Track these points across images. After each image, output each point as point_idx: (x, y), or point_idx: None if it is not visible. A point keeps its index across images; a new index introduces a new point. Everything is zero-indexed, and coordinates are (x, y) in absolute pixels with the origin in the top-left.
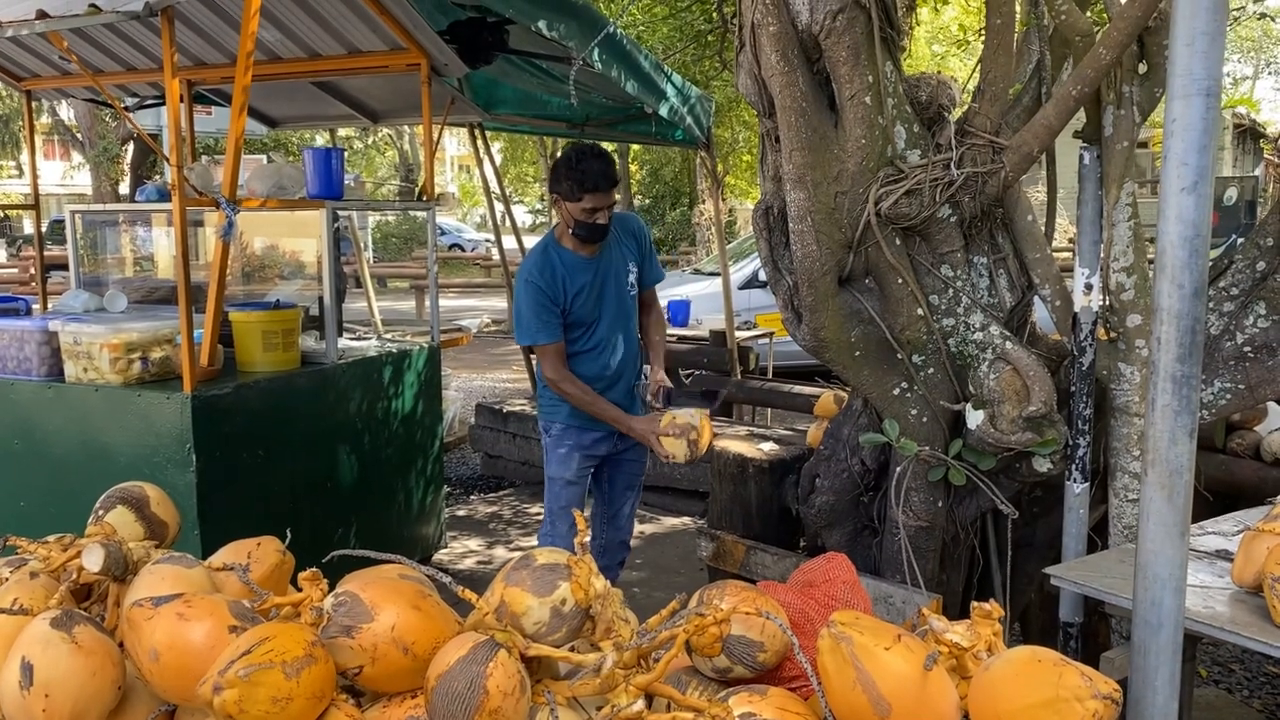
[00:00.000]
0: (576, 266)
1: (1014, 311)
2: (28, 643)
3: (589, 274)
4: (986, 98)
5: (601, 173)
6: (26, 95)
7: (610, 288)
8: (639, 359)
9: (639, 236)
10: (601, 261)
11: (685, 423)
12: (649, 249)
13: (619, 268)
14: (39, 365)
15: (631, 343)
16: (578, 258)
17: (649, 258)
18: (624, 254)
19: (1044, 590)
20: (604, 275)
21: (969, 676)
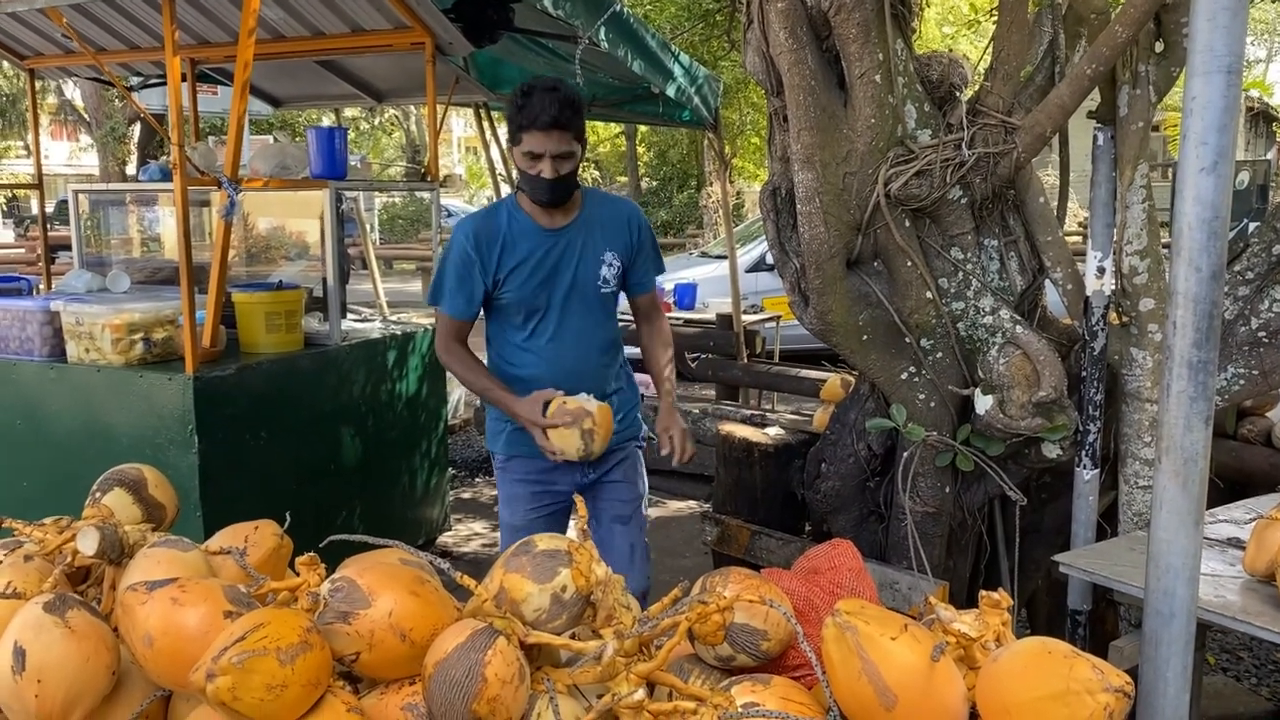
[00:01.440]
0: (526, 233)
1: (1024, 295)
2: (20, 627)
3: (540, 247)
4: (999, 77)
5: (544, 107)
6: (30, 74)
7: (567, 273)
8: (612, 376)
9: (631, 226)
10: (564, 237)
11: (577, 407)
12: (644, 243)
13: (588, 254)
14: (41, 345)
15: (597, 351)
16: (533, 225)
17: (643, 254)
18: (601, 239)
19: (1051, 577)
20: (562, 255)
21: (977, 667)
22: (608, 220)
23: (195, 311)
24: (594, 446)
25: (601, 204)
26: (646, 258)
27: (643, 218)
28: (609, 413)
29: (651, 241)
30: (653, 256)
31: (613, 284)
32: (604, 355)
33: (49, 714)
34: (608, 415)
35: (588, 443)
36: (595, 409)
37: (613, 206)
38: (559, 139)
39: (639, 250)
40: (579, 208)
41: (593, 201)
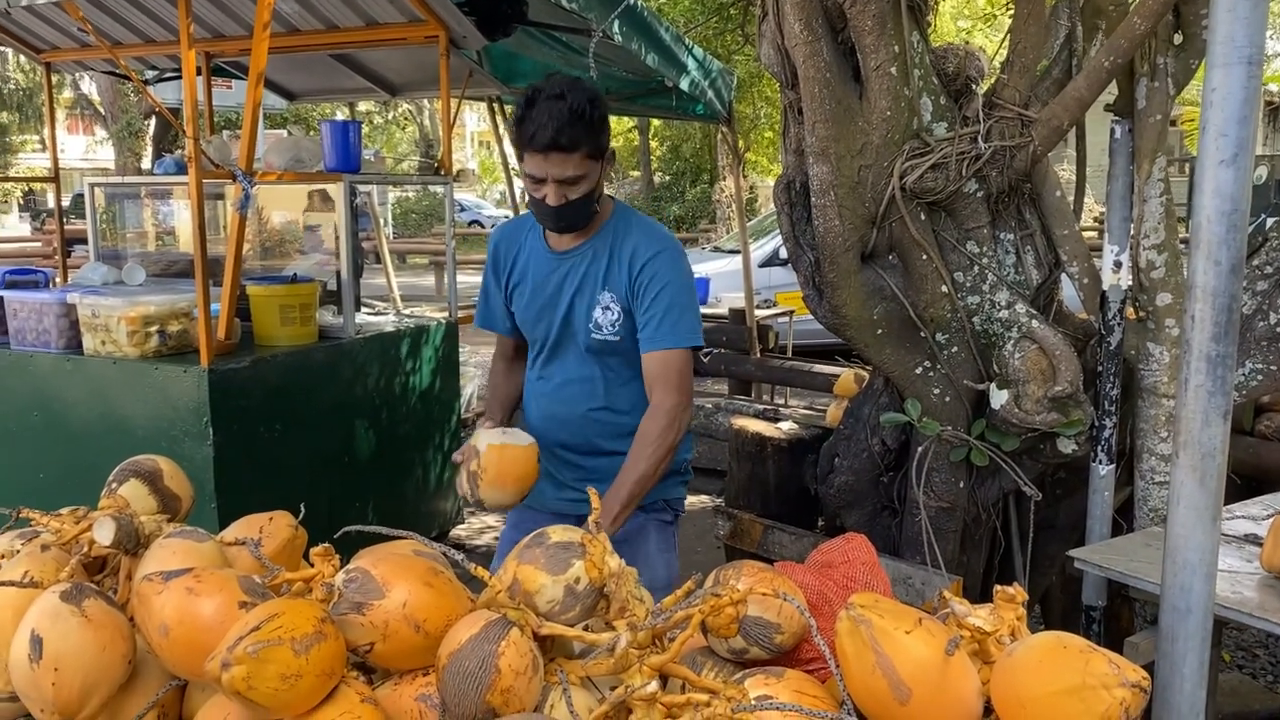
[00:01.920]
0: (536, 253)
1: (1040, 289)
2: (38, 616)
3: (542, 271)
4: (1015, 69)
5: (543, 123)
6: (46, 68)
7: (562, 306)
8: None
9: (633, 267)
10: (565, 264)
11: (471, 445)
12: (646, 292)
13: (585, 290)
14: (58, 338)
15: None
16: (543, 245)
17: (645, 307)
18: (601, 276)
19: (1066, 573)
20: (561, 284)
21: (991, 661)
22: (615, 253)
23: (210, 304)
24: (480, 493)
25: (621, 232)
26: (650, 314)
27: (659, 263)
28: (516, 456)
29: (662, 293)
30: (662, 314)
31: (608, 331)
32: (595, 410)
33: (66, 702)
34: (509, 459)
35: (473, 487)
36: (486, 449)
37: (628, 238)
38: (561, 162)
39: (639, 300)
40: (594, 231)
41: (615, 226)
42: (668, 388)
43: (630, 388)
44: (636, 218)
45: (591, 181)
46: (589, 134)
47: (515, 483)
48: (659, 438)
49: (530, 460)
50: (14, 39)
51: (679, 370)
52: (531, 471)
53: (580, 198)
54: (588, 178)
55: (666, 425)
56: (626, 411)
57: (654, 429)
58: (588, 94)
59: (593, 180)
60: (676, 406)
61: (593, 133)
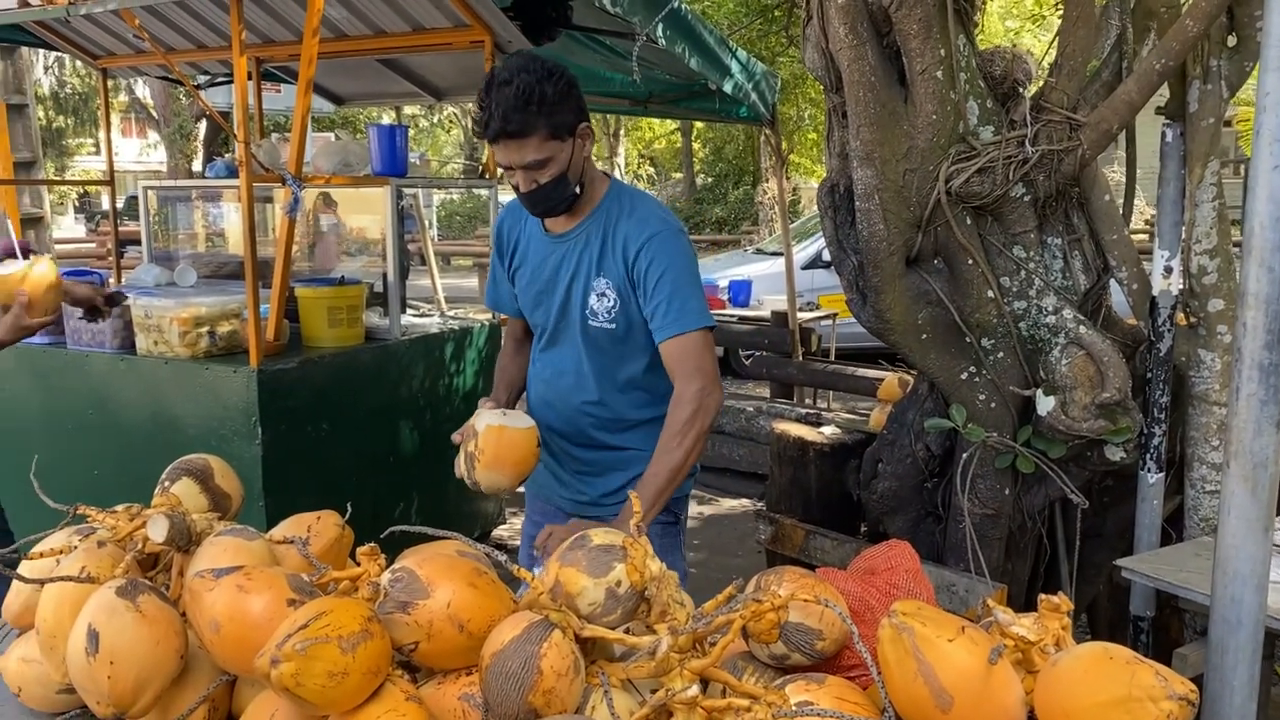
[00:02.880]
0: (535, 236)
1: (1089, 295)
2: (94, 610)
3: (539, 253)
4: (1064, 72)
5: (490, 113)
6: (103, 73)
7: (559, 291)
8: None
9: (628, 254)
10: (562, 246)
11: (471, 425)
12: (645, 280)
13: (580, 274)
14: (112, 338)
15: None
16: (542, 228)
17: (647, 295)
18: (597, 261)
19: (1113, 582)
20: (558, 267)
21: (1035, 671)
22: (610, 237)
23: (259, 306)
24: (476, 475)
25: (617, 215)
26: (655, 304)
27: (653, 248)
28: (514, 439)
29: (662, 280)
30: (666, 301)
31: (605, 319)
32: (588, 404)
33: (120, 695)
34: (507, 441)
35: (469, 469)
36: (484, 430)
37: (621, 222)
38: (518, 149)
39: (641, 290)
40: (588, 213)
41: (611, 207)
42: (686, 373)
43: (628, 381)
44: (631, 197)
45: (561, 163)
46: (544, 115)
47: (513, 466)
48: (684, 426)
49: (529, 443)
50: (73, 45)
51: (695, 354)
52: (529, 455)
53: (551, 181)
54: (555, 160)
55: (692, 412)
56: (622, 407)
57: (679, 417)
58: (539, 74)
59: (562, 161)
60: (699, 391)
61: (548, 113)
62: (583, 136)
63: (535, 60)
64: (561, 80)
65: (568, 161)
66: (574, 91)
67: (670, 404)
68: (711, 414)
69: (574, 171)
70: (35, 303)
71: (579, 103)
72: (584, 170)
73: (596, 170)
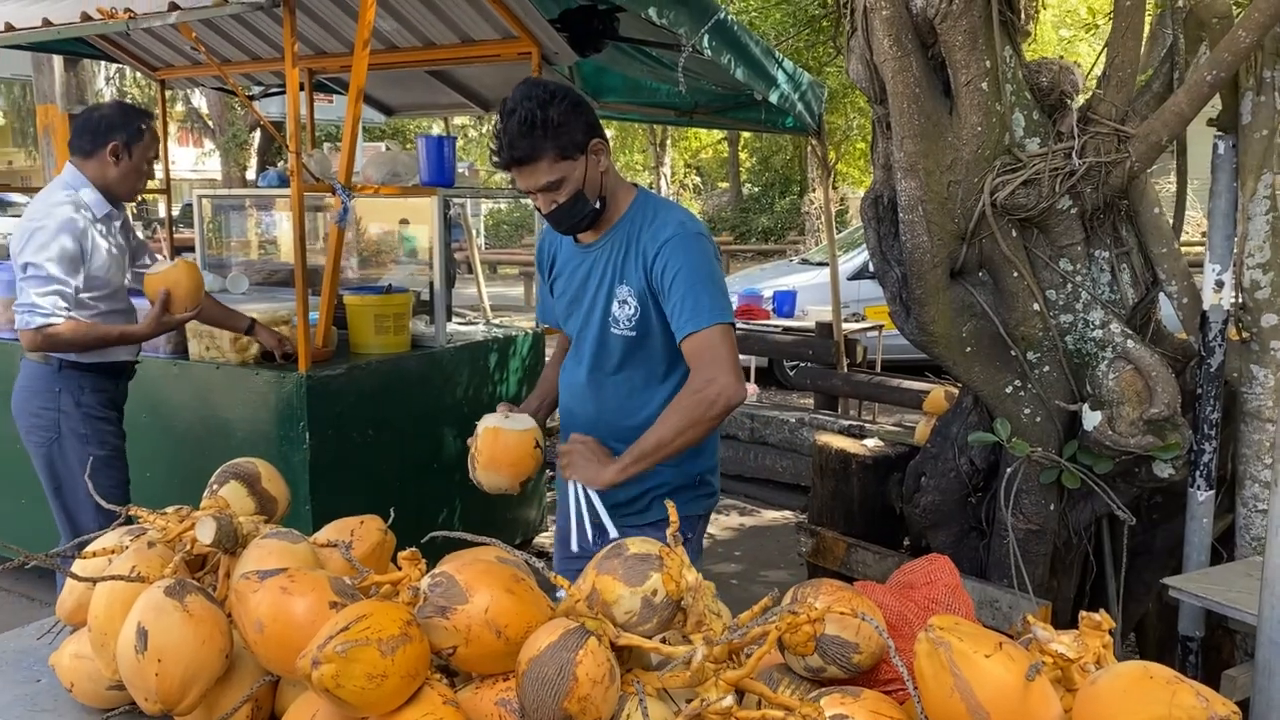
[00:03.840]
0: (567, 246)
1: (1137, 309)
2: (143, 609)
3: (570, 264)
4: (1113, 83)
5: (499, 144)
6: (161, 84)
7: (586, 300)
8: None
9: (647, 259)
10: (590, 256)
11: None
12: (662, 284)
13: (606, 283)
14: (165, 343)
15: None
16: (573, 240)
17: (666, 298)
18: (619, 269)
19: (1162, 601)
20: (586, 277)
21: (1074, 689)
22: (633, 244)
23: (309, 313)
24: (476, 474)
25: (641, 223)
26: (672, 305)
27: (669, 250)
28: (509, 440)
29: (677, 280)
30: (680, 300)
31: (625, 326)
32: (607, 410)
33: (167, 692)
34: (502, 443)
35: (471, 468)
36: (482, 431)
37: (644, 229)
38: (530, 174)
39: (661, 293)
40: (613, 223)
41: (635, 216)
42: (703, 364)
43: (648, 396)
44: (655, 205)
45: (575, 181)
46: (550, 138)
47: (509, 467)
48: (684, 406)
49: (524, 445)
50: (133, 58)
51: (711, 348)
52: (525, 456)
53: (569, 200)
54: (569, 179)
55: (698, 395)
56: (639, 421)
57: (683, 395)
58: (540, 98)
59: (576, 179)
60: (712, 381)
61: (554, 135)
62: (596, 152)
63: (539, 85)
64: (565, 101)
65: (582, 179)
66: (580, 110)
67: (687, 385)
68: (720, 404)
69: (591, 187)
70: (177, 299)
71: (588, 120)
72: (604, 184)
73: (622, 181)
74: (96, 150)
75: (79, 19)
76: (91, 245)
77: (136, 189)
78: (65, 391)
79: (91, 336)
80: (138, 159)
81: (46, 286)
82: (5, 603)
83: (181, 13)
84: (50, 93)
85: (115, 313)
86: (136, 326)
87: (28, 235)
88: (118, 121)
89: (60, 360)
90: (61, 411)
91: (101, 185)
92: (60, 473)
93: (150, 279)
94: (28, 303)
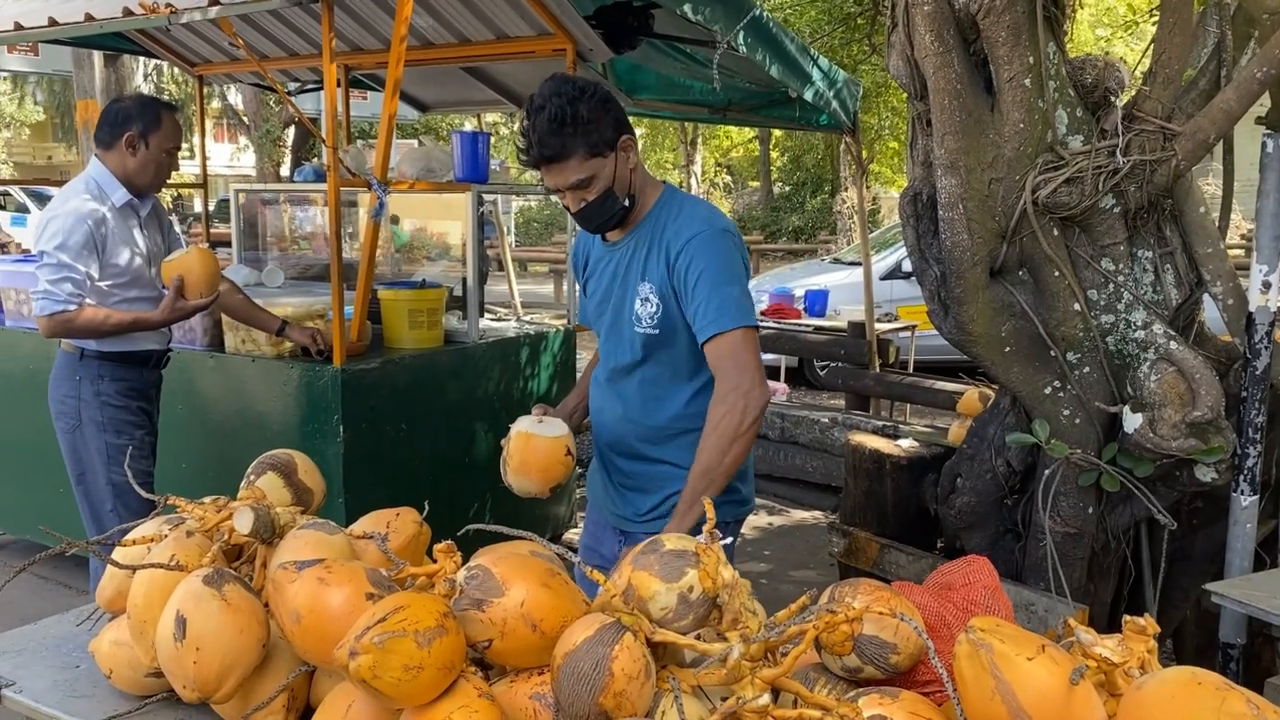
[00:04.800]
0: (597, 245)
1: (1180, 310)
2: (182, 597)
3: (600, 263)
4: (1159, 80)
5: (527, 142)
6: (199, 80)
7: (613, 299)
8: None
9: (669, 255)
10: (616, 254)
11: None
12: (684, 279)
13: (630, 281)
14: (202, 335)
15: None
16: (601, 239)
17: (686, 295)
18: (642, 266)
19: (1201, 607)
20: (614, 276)
21: (1119, 695)
22: (657, 241)
23: (344, 307)
24: (507, 478)
25: (666, 220)
26: (695, 305)
27: (692, 249)
28: (540, 446)
29: (701, 281)
30: (704, 301)
31: (648, 324)
32: (630, 417)
33: (205, 680)
34: (533, 448)
35: (502, 471)
36: (514, 435)
37: (670, 226)
38: (559, 172)
39: (683, 291)
40: (639, 221)
41: (661, 213)
42: (726, 372)
43: (672, 394)
44: (681, 202)
45: (605, 179)
46: (578, 136)
47: (540, 472)
48: (719, 424)
49: (555, 452)
50: (172, 53)
51: (734, 352)
52: (556, 463)
53: (599, 197)
54: (599, 176)
55: (729, 410)
56: (663, 420)
57: (714, 416)
58: (570, 95)
59: (606, 177)
60: (737, 390)
61: (584, 133)
62: (625, 149)
63: (568, 82)
64: (595, 98)
65: (612, 176)
66: (610, 107)
67: (711, 401)
68: (752, 413)
69: (620, 185)
70: (191, 285)
71: (617, 117)
72: (633, 181)
73: (650, 178)
74: (115, 141)
75: (120, 14)
76: (109, 234)
77: (159, 179)
78: (85, 379)
79: (106, 323)
80: (155, 149)
81: (58, 274)
82: (44, 590)
83: (221, 7)
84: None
85: (141, 300)
86: (151, 313)
87: (44, 225)
88: (134, 112)
89: (83, 349)
90: (81, 399)
91: (122, 176)
92: (82, 460)
93: (166, 265)
94: (41, 290)
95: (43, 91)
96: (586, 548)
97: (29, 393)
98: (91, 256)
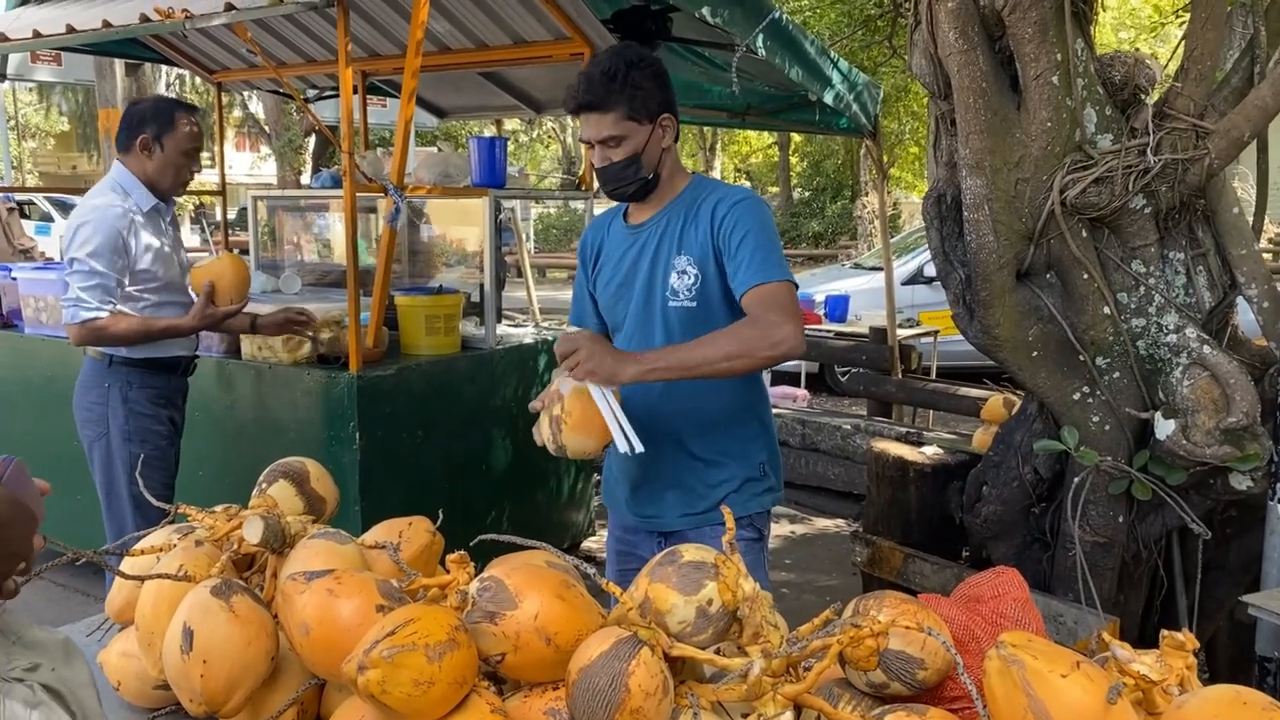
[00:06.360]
0: (616, 232)
1: (1213, 313)
2: (189, 608)
3: (620, 247)
4: (1190, 77)
5: (572, 88)
6: (218, 87)
7: (638, 280)
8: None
9: (715, 218)
10: (641, 235)
11: (554, 390)
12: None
13: (661, 257)
14: (219, 342)
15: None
16: (623, 223)
17: (730, 254)
18: (677, 240)
19: (1235, 619)
20: (637, 258)
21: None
22: (690, 215)
23: (360, 313)
24: (564, 438)
25: (700, 196)
26: (739, 260)
27: (739, 210)
28: (592, 403)
29: (747, 239)
30: (749, 255)
31: (685, 297)
32: (675, 399)
33: (212, 694)
34: (593, 405)
35: (555, 432)
36: (570, 393)
37: (708, 198)
38: (596, 122)
39: (725, 249)
40: (669, 200)
41: (694, 194)
42: (767, 310)
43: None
44: (715, 182)
45: (635, 144)
46: (623, 94)
47: (601, 429)
48: (744, 335)
49: None
50: (190, 61)
51: (775, 297)
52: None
53: (623, 160)
54: (630, 139)
55: (763, 331)
56: (697, 399)
57: (743, 326)
58: (629, 58)
59: (637, 143)
60: (771, 324)
61: (629, 93)
62: (664, 127)
63: (632, 48)
64: (650, 67)
65: (643, 145)
66: (662, 81)
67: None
68: (781, 348)
69: (649, 157)
70: (221, 291)
71: (665, 94)
72: (662, 160)
73: (680, 167)
74: (131, 145)
75: (137, 20)
76: (137, 240)
77: (179, 181)
78: (114, 387)
79: (138, 330)
80: (170, 151)
81: (89, 280)
82: (61, 598)
83: (236, 12)
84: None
85: (170, 305)
86: (182, 319)
87: (73, 231)
88: (149, 114)
89: (112, 356)
90: (110, 407)
91: (143, 179)
92: (109, 469)
93: (196, 272)
94: (72, 297)
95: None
96: (616, 553)
97: (49, 400)
98: (121, 262)
